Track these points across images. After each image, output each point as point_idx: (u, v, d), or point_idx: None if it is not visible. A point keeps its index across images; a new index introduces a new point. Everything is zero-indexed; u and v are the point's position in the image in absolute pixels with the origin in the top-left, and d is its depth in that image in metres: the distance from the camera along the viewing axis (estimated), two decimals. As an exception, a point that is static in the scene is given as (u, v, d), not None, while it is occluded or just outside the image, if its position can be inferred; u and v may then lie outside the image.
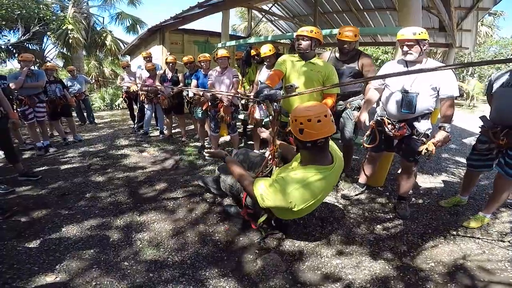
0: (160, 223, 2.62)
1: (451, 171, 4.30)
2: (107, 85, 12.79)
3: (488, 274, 2.07)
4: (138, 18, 14.89)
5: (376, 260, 2.18)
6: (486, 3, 5.40)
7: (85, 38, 12.69)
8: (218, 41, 6.28)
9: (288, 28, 9.43)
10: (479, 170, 2.72)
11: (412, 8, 2.95)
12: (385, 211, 2.94)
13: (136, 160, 4.32)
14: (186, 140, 5.36)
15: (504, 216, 2.90)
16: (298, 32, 2.69)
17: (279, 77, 2.65)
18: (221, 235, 2.43)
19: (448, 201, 2.99)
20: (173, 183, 3.47)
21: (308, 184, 1.84)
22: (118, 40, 14.77)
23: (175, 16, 5.91)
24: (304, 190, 1.84)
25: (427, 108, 2.49)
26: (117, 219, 2.67)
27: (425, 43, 2.35)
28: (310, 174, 1.86)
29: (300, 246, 2.31)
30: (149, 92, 5.36)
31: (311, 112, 1.79)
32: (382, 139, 2.77)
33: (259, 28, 17.47)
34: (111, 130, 6.47)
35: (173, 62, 4.96)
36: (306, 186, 1.84)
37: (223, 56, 3.93)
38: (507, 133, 2.31)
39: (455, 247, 2.37)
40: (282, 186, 1.85)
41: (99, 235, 2.44)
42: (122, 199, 3.07)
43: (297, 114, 1.81)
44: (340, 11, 7.29)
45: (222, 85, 4.03)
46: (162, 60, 6.93)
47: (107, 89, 12.24)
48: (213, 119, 4.20)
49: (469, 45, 7.46)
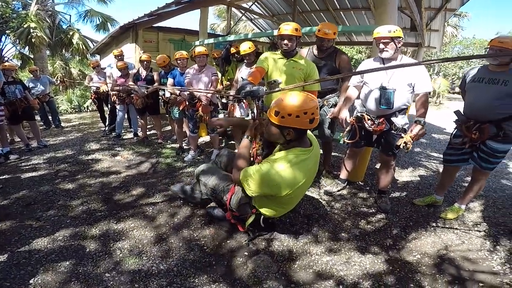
0: (140, 230, 2.46)
1: (423, 164, 4.49)
2: (74, 86, 12.09)
3: (471, 263, 2.15)
4: (108, 16, 14.17)
5: (365, 255, 2.20)
6: (454, 4, 5.67)
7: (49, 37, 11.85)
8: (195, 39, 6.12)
9: (267, 26, 9.43)
10: (455, 165, 2.79)
11: (388, 7, 3.01)
12: (367, 205, 2.99)
13: (109, 164, 4.08)
14: (162, 142, 5.15)
15: (476, 206, 3.05)
16: (282, 31, 2.65)
17: (261, 74, 2.59)
18: (207, 239, 2.33)
19: (423, 200, 3.04)
20: (151, 187, 3.30)
21: (294, 164, 1.86)
22: (87, 39, 14.01)
23: (150, 13, 5.65)
24: (291, 170, 1.85)
25: (404, 104, 2.57)
26: (92, 228, 2.49)
27: (400, 40, 2.42)
28: (294, 155, 1.89)
29: (289, 246, 2.27)
30: (121, 92, 5.10)
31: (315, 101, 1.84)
32: (362, 134, 2.82)
33: (238, 27, 17.34)
34: (80, 134, 6.09)
35: (148, 61, 4.75)
36: (293, 166, 1.86)
37: (202, 53, 3.81)
38: (479, 127, 2.41)
39: (436, 238, 2.45)
40: (267, 168, 1.85)
41: (74, 245, 2.25)
42: (96, 206, 2.87)
43: (307, 106, 1.77)
44: (317, 10, 7.40)
45: (200, 83, 3.91)
46: (135, 59, 6.64)
47: (74, 91, 11.56)
48: (192, 119, 4.07)
49: (436, 45, 7.80)
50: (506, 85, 2.25)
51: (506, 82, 2.25)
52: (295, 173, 1.86)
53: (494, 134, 2.34)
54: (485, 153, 2.44)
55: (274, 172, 1.83)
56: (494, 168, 2.54)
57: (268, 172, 1.84)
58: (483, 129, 2.37)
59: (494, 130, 2.32)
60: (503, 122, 2.31)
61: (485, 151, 2.43)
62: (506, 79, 2.25)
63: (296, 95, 1.81)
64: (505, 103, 2.27)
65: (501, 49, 2.20)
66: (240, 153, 2.11)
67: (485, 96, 2.36)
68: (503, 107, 2.28)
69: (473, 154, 2.56)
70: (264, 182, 1.85)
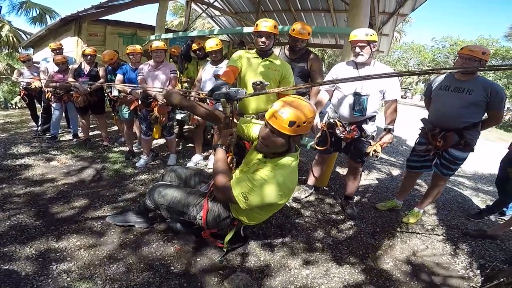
0: (89, 249, 2.06)
1: (377, 167, 4.70)
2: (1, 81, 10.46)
3: (439, 268, 2.22)
4: (48, 8, 12.70)
5: (342, 265, 2.13)
6: (406, 9, 5.91)
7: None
8: (148, 34, 5.64)
9: (228, 25, 9.11)
10: (417, 171, 2.89)
11: (362, 10, 3.01)
12: (335, 212, 2.97)
13: (43, 171, 3.45)
14: (108, 144, 4.57)
15: (430, 209, 3.24)
16: (260, 27, 2.42)
17: (234, 74, 2.38)
18: (173, 257, 2.03)
19: (384, 205, 3.11)
20: (96, 198, 2.84)
21: (292, 171, 1.73)
22: (20, 31, 12.39)
23: (98, 5, 5.04)
24: (291, 177, 1.72)
25: (375, 111, 2.58)
26: (26, 247, 2.02)
27: (375, 44, 2.41)
28: (291, 161, 1.74)
29: (266, 260, 2.09)
30: (57, 89, 4.42)
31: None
32: (332, 141, 2.76)
33: (196, 24, 16.67)
34: (5, 135, 5.10)
35: (92, 55, 4.18)
36: (292, 173, 1.73)
37: (160, 48, 3.43)
38: (444, 135, 2.50)
39: (403, 244, 2.51)
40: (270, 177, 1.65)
41: (4, 269, 1.81)
42: (28, 221, 2.36)
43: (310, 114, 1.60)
44: (280, 10, 7.38)
45: (156, 81, 3.53)
46: (76, 53, 5.89)
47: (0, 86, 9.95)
48: (145, 120, 3.65)
49: (385, 49, 8.16)
50: (470, 94, 2.35)
51: (471, 91, 2.35)
52: (294, 179, 1.75)
53: (456, 142, 2.46)
54: (447, 160, 2.55)
55: (282, 182, 1.65)
56: (453, 174, 2.69)
57: (276, 183, 1.64)
58: (447, 137, 2.47)
59: (457, 138, 2.44)
60: (464, 131, 2.43)
61: (447, 158, 2.54)
62: (471, 88, 2.36)
63: (300, 100, 1.64)
64: (469, 111, 2.38)
65: (470, 57, 2.28)
66: (218, 168, 1.81)
67: (451, 104, 2.45)
68: (467, 116, 2.39)
69: (436, 161, 2.67)
70: (271, 193, 1.65)
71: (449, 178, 2.77)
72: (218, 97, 1.73)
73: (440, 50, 25.23)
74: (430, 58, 25.43)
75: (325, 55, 20.81)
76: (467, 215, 3.17)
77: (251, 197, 1.64)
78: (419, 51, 27.15)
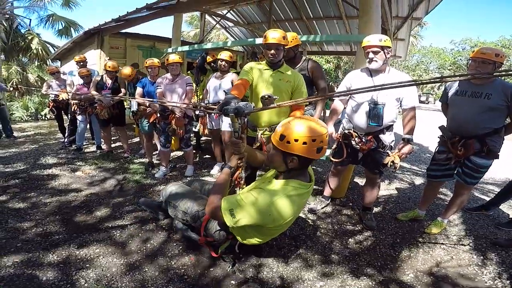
0: (108, 257, 2.13)
1: (398, 176, 4.53)
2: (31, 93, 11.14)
3: (464, 279, 2.10)
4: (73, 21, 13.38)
5: (358, 277, 2.06)
6: (419, 13, 5.85)
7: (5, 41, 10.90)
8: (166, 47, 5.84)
9: (242, 35, 9.31)
10: (439, 180, 2.76)
11: (373, 17, 2.97)
12: (352, 222, 2.89)
13: (68, 181, 3.63)
14: (129, 156, 4.74)
15: (455, 219, 3.08)
16: (269, 39, 2.34)
17: (245, 87, 2.36)
18: (187, 267, 2.05)
19: (406, 215, 2.99)
20: (118, 207, 2.94)
21: (292, 197, 1.67)
22: (48, 44, 13.14)
23: (118, 18, 5.30)
24: (288, 204, 1.65)
25: (392, 120, 2.49)
26: (49, 254, 2.12)
27: (389, 50, 2.35)
28: (292, 187, 1.69)
29: (279, 272, 2.07)
30: (82, 101, 4.66)
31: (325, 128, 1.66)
32: (348, 152, 2.67)
33: (211, 36, 17.17)
34: (35, 146, 5.45)
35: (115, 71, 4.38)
36: (291, 199, 1.66)
37: (175, 61, 3.55)
38: (464, 143, 2.38)
39: (426, 255, 2.39)
40: (263, 197, 1.63)
41: (27, 273, 1.90)
42: (53, 229, 2.48)
43: (316, 133, 1.57)
44: (291, 19, 7.47)
45: (174, 94, 3.65)
46: (99, 66, 6.19)
47: (31, 97, 10.61)
48: (163, 133, 3.76)
49: (402, 54, 8.03)
50: (489, 99, 2.24)
51: (489, 95, 2.24)
52: (292, 207, 1.67)
53: (478, 150, 2.34)
54: (469, 169, 2.43)
55: (270, 202, 1.62)
56: (477, 182, 2.56)
57: (264, 202, 1.62)
58: (468, 145, 2.35)
59: (479, 145, 2.33)
60: (486, 137, 2.31)
61: (469, 166, 2.42)
62: (489, 92, 2.24)
63: (305, 119, 1.63)
64: (489, 117, 2.26)
65: (483, 60, 2.18)
66: (215, 187, 1.84)
67: (469, 110, 2.34)
68: (487, 122, 2.28)
69: (458, 170, 2.55)
70: (258, 212, 1.63)
71: (473, 186, 2.62)
72: (227, 112, 1.74)
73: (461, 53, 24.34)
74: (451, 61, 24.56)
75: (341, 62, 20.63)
76: (497, 224, 2.98)
77: (238, 214, 1.64)
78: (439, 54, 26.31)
